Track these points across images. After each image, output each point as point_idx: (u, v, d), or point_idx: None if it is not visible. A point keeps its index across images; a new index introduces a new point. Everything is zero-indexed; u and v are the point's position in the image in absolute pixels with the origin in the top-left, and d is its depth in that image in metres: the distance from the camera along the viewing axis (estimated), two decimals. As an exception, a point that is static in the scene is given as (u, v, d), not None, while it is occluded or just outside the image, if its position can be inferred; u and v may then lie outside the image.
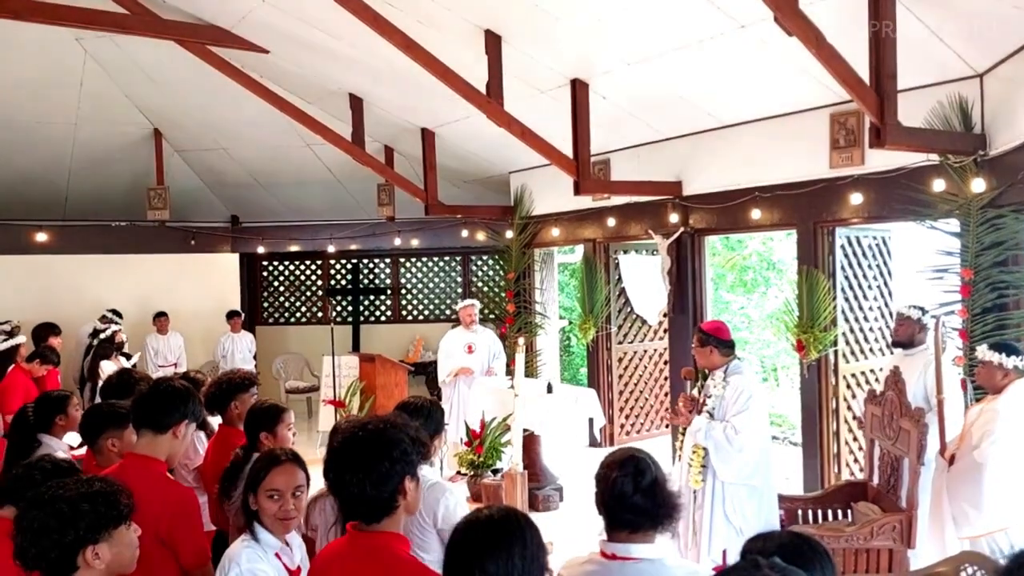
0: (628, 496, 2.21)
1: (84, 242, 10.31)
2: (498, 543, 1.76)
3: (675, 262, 7.32)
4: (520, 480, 5.62)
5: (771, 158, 6.44)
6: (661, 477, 2.27)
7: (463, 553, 1.78)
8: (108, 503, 2.10)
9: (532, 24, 5.79)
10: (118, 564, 2.13)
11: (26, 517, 2.04)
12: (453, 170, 9.63)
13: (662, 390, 8.93)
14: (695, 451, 4.53)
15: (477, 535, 1.78)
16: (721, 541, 4.39)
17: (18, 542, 2.03)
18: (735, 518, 4.39)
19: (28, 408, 3.93)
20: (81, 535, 2.03)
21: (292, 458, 2.65)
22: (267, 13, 6.59)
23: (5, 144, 9.16)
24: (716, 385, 4.54)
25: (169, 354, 10.06)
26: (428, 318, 12.34)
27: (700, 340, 4.60)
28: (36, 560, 2.01)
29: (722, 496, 4.43)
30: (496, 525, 1.80)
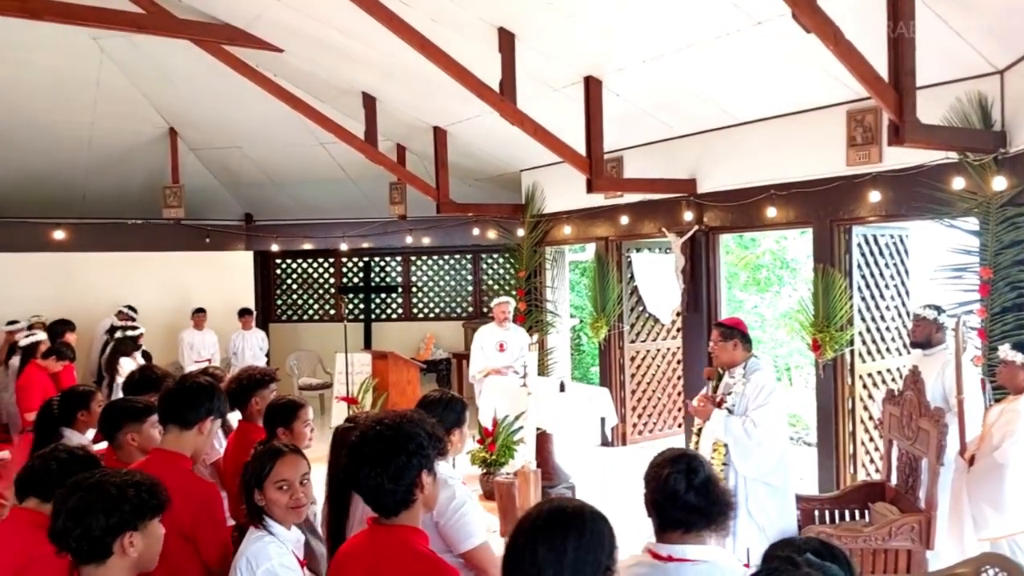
0: (681, 494, 2.14)
1: (101, 240, 10.39)
2: (553, 530, 1.73)
3: (689, 260, 7.29)
4: (533, 478, 5.61)
5: (787, 156, 6.40)
6: (714, 475, 2.21)
7: (522, 534, 1.75)
8: (150, 493, 2.13)
9: (546, 22, 5.77)
10: (147, 557, 2.15)
11: (71, 498, 2.05)
12: (465, 168, 9.63)
13: (675, 389, 8.90)
14: (715, 448, 4.51)
15: (538, 520, 1.76)
16: (745, 539, 4.35)
17: (58, 522, 2.04)
18: (759, 516, 4.36)
19: (53, 402, 3.97)
20: (124, 520, 2.05)
21: (293, 449, 2.71)
22: (281, 12, 6.61)
23: (24, 143, 9.24)
24: (736, 382, 4.51)
25: (204, 350, 10.13)
26: (439, 316, 12.37)
27: (723, 335, 4.56)
28: (78, 540, 2.01)
29: (744, 494, 4.39)
30: (558, 513, 1.77)
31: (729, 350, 4.54)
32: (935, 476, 4.01)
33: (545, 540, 1.72)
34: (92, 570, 2.05)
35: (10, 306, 9.20)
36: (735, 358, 4.55)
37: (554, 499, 1.84)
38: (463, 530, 2.77)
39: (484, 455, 6.80)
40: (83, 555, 2.04)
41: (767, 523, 4.34)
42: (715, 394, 4.69)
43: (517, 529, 1.77)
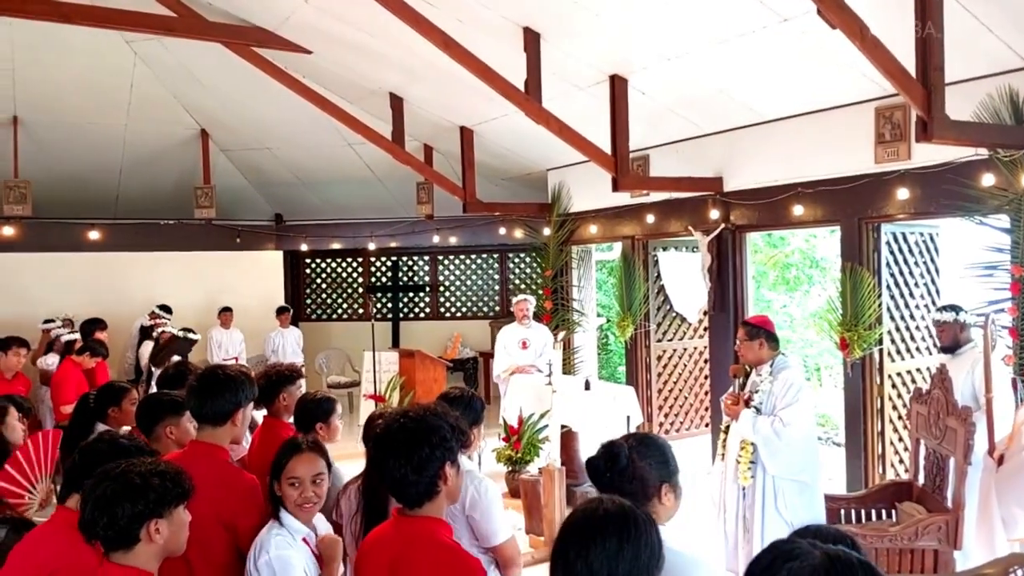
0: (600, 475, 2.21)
1: (134, 240, 10.59)
2: (606, 532, 1.65)
3: (716, 259, 7.25)
4: (558, 477, 5.64)
5: (814, 153, 6.34)
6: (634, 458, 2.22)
7: (573, 534, 1.69)
8: (174, 481, 2.20)
9: (571, 21, 5.79)
10: (173, 543, 2.21)
11: (97, 487, 2.12)
12: (491, 168, 9.67)
13: (702, 389, 8.85)
14: (743, 447, 4.49)
15: (591, 520, 1.68)
16: (774, 537, 4.31)
17: (86, 511, 2.11)
18: (787, 513, 4.34)
19: (90, 396, 4.07)
20: (149, 507, 2.12)
21: (312, 447, 2.74)
22: (310, 14, 6.70)
23: (59, 145, 9.47)
24: (763, 380, 4.49)
25: (231, 347, 10.31)
26: (466, 315, 12.43)
27: (749, 333, 4.55)
28: (104, 529, 2.09)
29: (773, 491, 4.37)
30: (611, 515, 1.68)
31: (755, 349, 4.53)
32: (963, 475, 3.96)
33: (600, 542, 1.65)
34: (120, 556, 2.12)
35: (46, 305, 9.44)
36: (761, 357, 4.54)
37: (604, 499, 1.76)
38: (495, 524, 2.85)
39: (509, 453, 6.86)
40: (111, 543, 2.11)
41: (795, 519, 4.30)
42: (742, 393, 4.68)
43: (567, 529, 1.71)
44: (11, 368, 6.17)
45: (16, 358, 6.19)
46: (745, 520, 4.52)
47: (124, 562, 2.12)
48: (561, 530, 1.71)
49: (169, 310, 9.66)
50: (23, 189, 9.09)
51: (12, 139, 9.03)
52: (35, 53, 8.04)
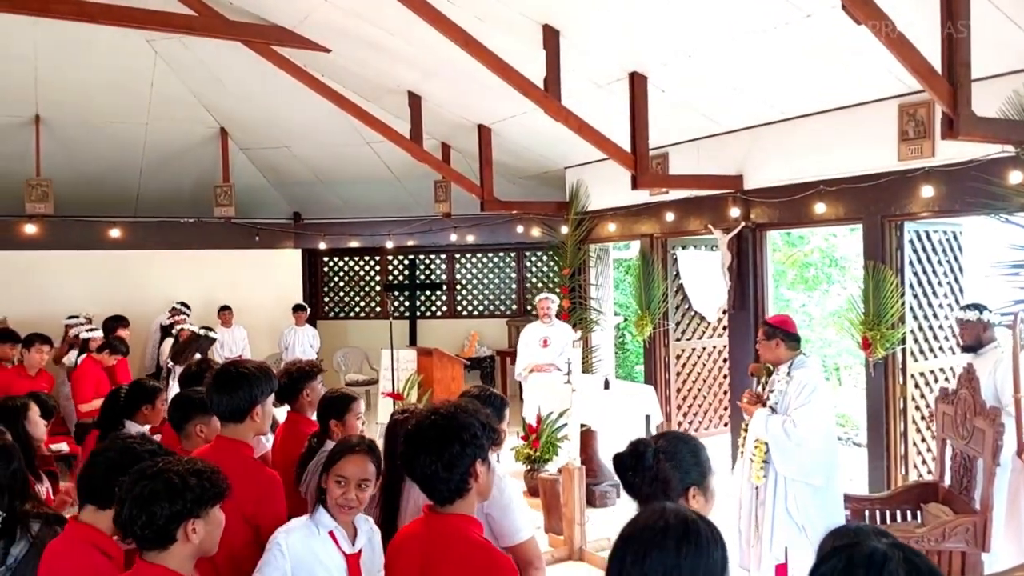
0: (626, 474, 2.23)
1: (154, 238, 10.67)
2: (666, 541, 1.59)
3: (736, 258, 7.21)
4: (578, 475, 5.63)
5: (836, 151, 6.28)
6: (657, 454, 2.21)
7: (628, 545, 1.63)
8: (211, 481, 2.20)
9: (590, 17, 5.77)
10: (208, 543, 2.22)
11: (135, 486, 2.12)
12: (509, 166, 9.67)
13: (721, 388, 8.80)
14: (756, 445, 4.47)
15: (650, 532, 1.61)
16: (783, 538, 4.32)
17: (124, 510, 2.11)
18: (797, 515, 4.31)
19: (121, 392, 4.10)
20: (187, 507, 2.13)
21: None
22: (329, 12, 6.72)
23: (81, 143, 9.55)
24: (780, 380, 4.48)
25: (234, 346, 10.35)
26: (483, 313, 12.44)
27: (766, 333, 4.56)
28: (142, 528, 2.09)
29: (784, 492, 4.35)
30: (674, 529, 1.61)
31: (772, 348, 4.53)
32: (991, 476, 3.91)
33: (658, 552, 1.58)
34: (155, 556, 2.13)
35: (68, 303, 9.52)
36: (778, 356, 4.53)
37: (668, 507, 1.69)
38: (514, 523, 2.83)
39: (528, 451, 6.85)
40: (147, 542, 2.11)
41: (807, 522, 4.29)
42: (761, 392, 4.67)
43: (628, 535, 1.64)
44: (34, 365, 6.23)
45: (39, 355, 6.26)
46: (756, 519, 4.51)
47: (159, 562, 2.12)
48: (621, 534, 1.66)
49: (188, 307, 9.73)
50: (45, 187, 9.17)
51: (35, 138, 9.12)
52: (57, 53, 8.12)
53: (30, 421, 3.59)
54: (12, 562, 2.56)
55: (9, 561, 2.56)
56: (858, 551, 1.42)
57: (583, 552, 5.59)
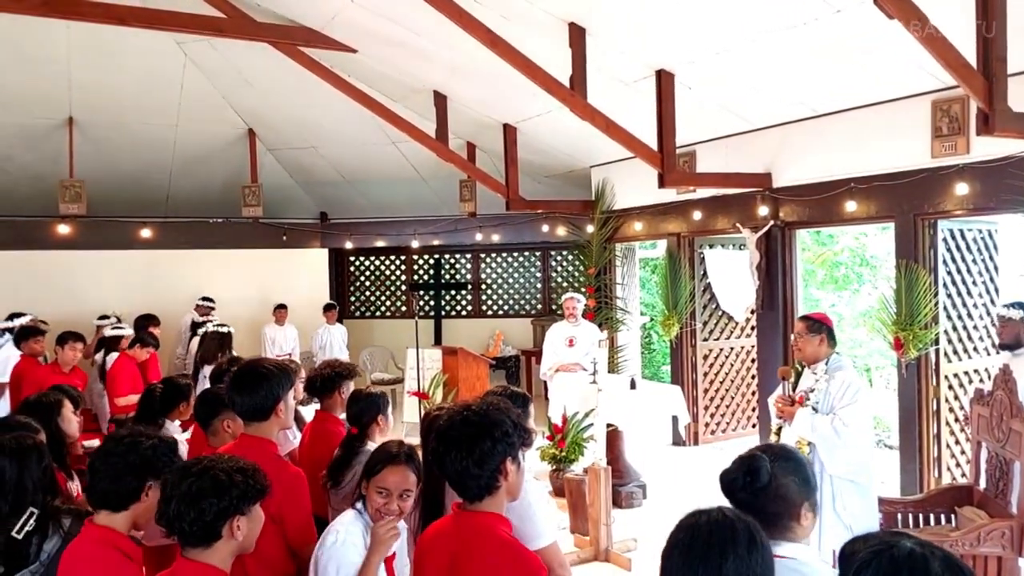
0: (736, 492, 2.09)
1: (184, 238, 10.81)
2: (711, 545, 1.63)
3: (764, 257, 7.13)
4: (604, 476, 5.59)
5: (868, 148, 6.19)
6: (778, 474, 2.09)
7: (695, 556, 1.65)
8: (254, 478, 2.23)
9: (616, 15, 5.73)
10: (249, 540, 2.24)
11: (181, 484, 2.14)
12: (534, 165, 9.65)
13: (749, 388, 8.72)
14: (799, 446, 4.39)
15: (723, 540, 1.64)
16: (832, 539, 4.24)
17: (171, 507, 2.13)
18: (845, 515, 4.26)
19: (156, 389, 4.15)
20: (234, 504, 2.15)
21: (407, 458, 2.70)
22: (356, 13, 6.75)
23: (113, 145, 9.70)
24: (819, 379, 4.43)
25: (284, 344, 10.47)
26: (508, 313, 12.43)
27: (810, 328, 4.48)
28: (191, 524, 2.11)
29: (831, 492, 4.29)
30: (721, 527, 1.66)
31: (814, 344, 4.45)
32: (1029, 480, 3.82)
33: (734, 557, 1.62)
34: (198, 553, 2.14)
35: (100, 302, 9.66)
36: (819, 354, 4.45)
37: (721, 510, 1.73)
38: (535, 528, 2.71)
39: (554, 451, 6.82)
40: (194, 538, 2.13)
41: (853, 522, 4.24)
42: (792, 393, 4.60)
43: (688, 544, 1.66)
44: (68, 362, 6.33)
45: (72, 352, 6.36)
46: None
47: (202, 559, 2.14)
48: (678, 542, 1.69)
49: (212, 300, 9.85)
50: (78, 188, 9.33)
51: (68, 139, 9.27)
52: (90, 55, 8.25)
53: (63, 418, 3.64)
54: (45, 558, 2.59)
55: (42, 557, 2.59)
56: (898, 552, 1.43)
57: (609, 553, 5.56)
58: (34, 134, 9.31)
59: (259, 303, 10.98)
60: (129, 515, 2.40)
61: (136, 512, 2.41)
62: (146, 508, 2.41)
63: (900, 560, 1.41)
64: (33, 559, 2.59)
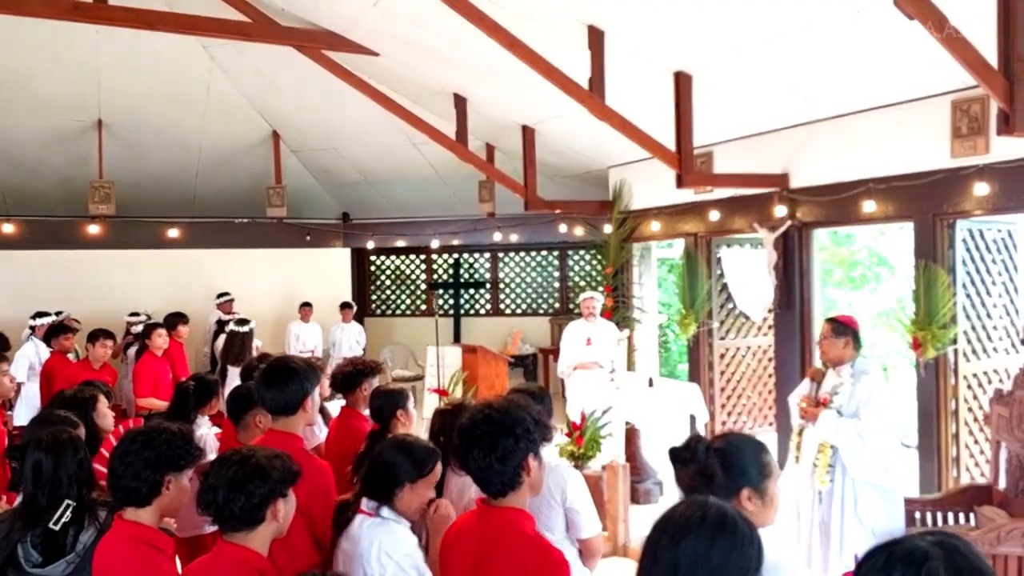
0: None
1: (210, 238, 10.98)
2: (701, 531, 1.61)
3: (781, 256, 7.15)
4: (622, 473, 5.67)
5: (886, 148, 6.20)
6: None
7: (667, 533, 1.65)
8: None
9: (635, 18, 5.78)
10: (285, 523, 2.34)
11: (226, 471, 2.25)
12: (552, 166, 9.72)
13: (766, 387, 8.73)
14: (821, 449, 4.38)
15: (690, 519, 1.64)
16: (853, 543, 4.21)
17: (219, 495, 2.23)
18: (867, 519, 4.23)
19: (188, 385, 4.27)
20: (275, 487, 2.26)
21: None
22: (378, 17, 6.85)
23: (141, 147, 9.89)
24: (843, 382, 4.40)
25: (308, 340, 10.62)
26: (525, 312, 12.51)
27: (835, 331, 4.47)
28: (242, 509, 2.21)
29: (853, 495, 4.27)
30: (712, 516, 1.64)
31: (839, 347, 4.43)
32: (1046, 479, 3.85)
33: (693, 538, 1.61)
34: (240, 537, 2.24)
35: (129, 300, 9.87)
36: (844, 356, 4.43)
37: (710, 500, 1.71)
38: (592, 517, 3.05)
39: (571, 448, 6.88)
40: (239, 522, 2.23)
41: (876, 526, 4.21)
42: (818, 395, 4.56)
43: (664, 523, 1.67)
44: (99, 359, 6.49)
45: (103, 349, 6.51)
46: (823, 525, 4.42)
47: (244, 543, 2.24)
48: (659, 520, 1.69)
49: (227, 294, 10.04)
50: (107, 189, 9.51)
51: (97, 141, 9.47)
52: (118, 60, 8.43)
53: (98, 412, 3.75)
54: (81, 548, 2.67)
55: (78, 548, 2.67)
56: (899, 548, 1.41)
57: (627, 548, 5.63)
58: (65, 136, 9.53)
59: (283, 302, 11.15)
60: (155, 509, 2.46)
61: (161, 505, 2.47)
62: (170, 500, 2.48)
63: (897, 555, 1.39)
64: (70, 550, 2.67)
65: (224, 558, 2.25)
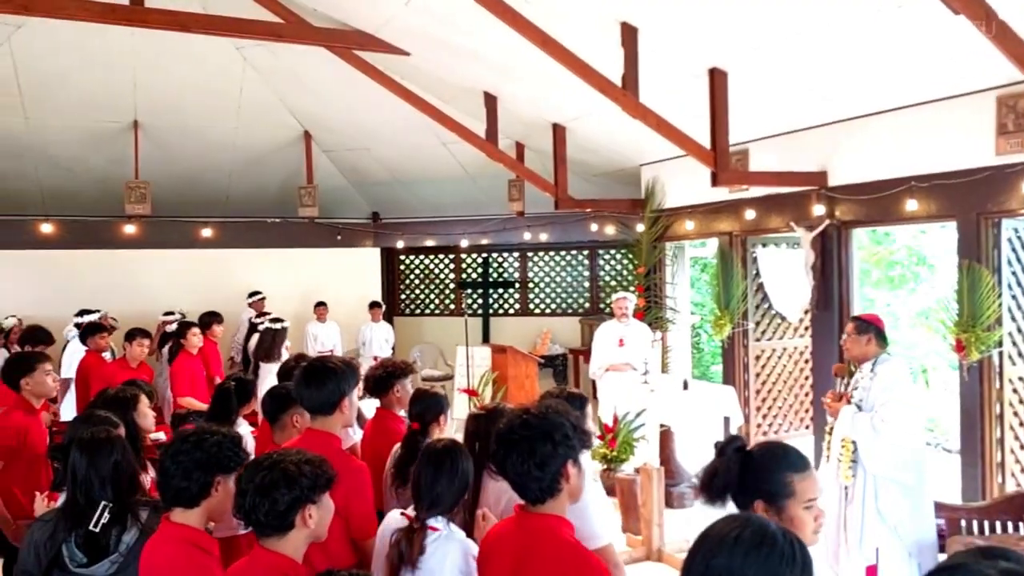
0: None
1: (243, 237, 11.08)
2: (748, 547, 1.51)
3: (819, 256, 7.02)
4: (656, 476, 5.59)
5: (929, 145, 6.05)
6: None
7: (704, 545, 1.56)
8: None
9: (669, 14, 5.71)
10: (320, 528, 2.33)
11: (255, 477, 2.25)
12: (583, 164, 9.65)
13: (803, 390, 8.59)
14: (844, 444, 4.45)
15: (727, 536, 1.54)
16: (874, 538, 4.26)
17: (247, 499, 2.24)
18: (889, 516, 4.25)
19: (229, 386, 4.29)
20: (304, 493, 2.25)
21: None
22: (409, 16, 6.84)
23: (176, 147, 10.00)
24: (864, 377, 4.44)
25: (327, 340, 10.66)
26: (555, 312, 12.45)
27: (858, 328, 4.53)
28: (266, 515, 2.21)
29: (874, 491, 4.30)
30: (753, 535, 1.54)
31: (861, 344, 4.49)
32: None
33: (727, 553, 1.52)
34: (274, 543, 2.24)
35: (165, 299, 9.97)
36: (867, 353, 4.48)
37: (753, 517, 1.64)
38: (591, 528, 2.73)
39: (604, 451, 6.83)
40: (269, 528, 2.24)
41: (899, 523, 4.23)
42: (844, 391, 4.63)
43: (705, 535, 1.58)
44: (136, 358, 6.56)
45: (140, 348, 6.58)
46: (845, 519, 4.45)
47: (277, 548, 2.24)
48: (702, 532, 1.61)
49: (259, 292, 10.10)
50: (143, 189, 9.63)
51: (133, 142, 9.59)
52: (154, 61, 8.53)
53: (140, 412, 3.76)
54: (124, 548, 2.68)
55: (121, 548, 2.68)
56: (960, 574, 1.30)
57: (661, 553, 5.56)
58: (101, 137, 9.66)
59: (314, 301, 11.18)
60: (202, 511, 2.48)
61: (209, 507, 2.49)
62: (217, 502, 2.49)
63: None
64: (113, 550, 2.68)
65: (259, 563, 2.26)
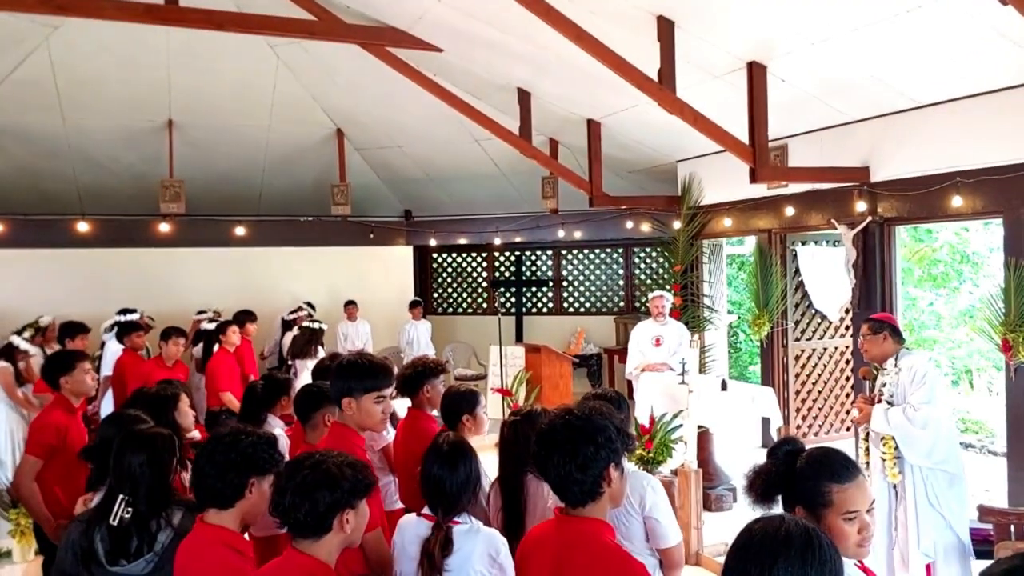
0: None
1: (276, 235, 11.14)
2: (788, 555, 1.56)
3: (861, 254, 6.84)
4: (694, 478, 5.49)
5: (975, 140, 5.86)
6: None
7: (751, 556, 1.59)
8: (363, 473, 2.28)
9: (707, 7, 5.60)
10: (356, 534, 2.28)
11: (295, 476, 2.21)
12: (618, 160, 9.53)
13: (843, 391, 8.40)
14: (884, 443, 4.43)
15: (771, 542, 1.58)
16: (931, 533, 4.24)
17: (285, 499, 2.19)
18: (941, 507, 4.23)
19: (257, 386, 4.27)
20: (344, 497, 2.20)
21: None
22: (442, 12, 6.80)
23: (209, 145, 10.09)
24: (890, 373, 4.44)
25: (357, 339, 10.69)
26: (589, 310, 12.34)
27: (872, 328, 4.54)
28: (305, 515, 2.17)
29: (923, 485, 4.28)
30: (796, 539, 1.58)
31: (879, 343, 4.50)
32: None
33: (783, 562, 1.56)
34: (308, 545, 2.19)
35: (200, 298, 10.08)
36: (885, 351, 4.50)
37: (786, 518, 1.66)
38: (671, 527, 2.99)
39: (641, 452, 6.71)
40: (305, 529, 2.19)
41: (950, 515, 4.22)
42: (873, 394, 4.62)
43: (747, 545, 1.61)
44: (171, 356, 6.61)
45: (175, 347, 6.62)
46: (897, 519, 4.44)
47: (310, 552, 2.19)
48: (738, 546, 1.63)
49: (312, 306, 10.12)
50: (177, 188, 9.73)
51: (168, 141, 9.69)
52: (187, 60, 8.60)
53: (179, 411, 3.76)
54: (159, 548, 2.66)
55: (156, 547, 2.66)
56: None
57: (700, 556, 5.46)
58: (136, 136, 9.77)
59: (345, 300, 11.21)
60: (237, 512, 2.45)
61: (243, 508, 2.46)
62: (252, 504, 2.46)
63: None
64: (148, 549, 2.66)
65: (291, 564, 2.21)
